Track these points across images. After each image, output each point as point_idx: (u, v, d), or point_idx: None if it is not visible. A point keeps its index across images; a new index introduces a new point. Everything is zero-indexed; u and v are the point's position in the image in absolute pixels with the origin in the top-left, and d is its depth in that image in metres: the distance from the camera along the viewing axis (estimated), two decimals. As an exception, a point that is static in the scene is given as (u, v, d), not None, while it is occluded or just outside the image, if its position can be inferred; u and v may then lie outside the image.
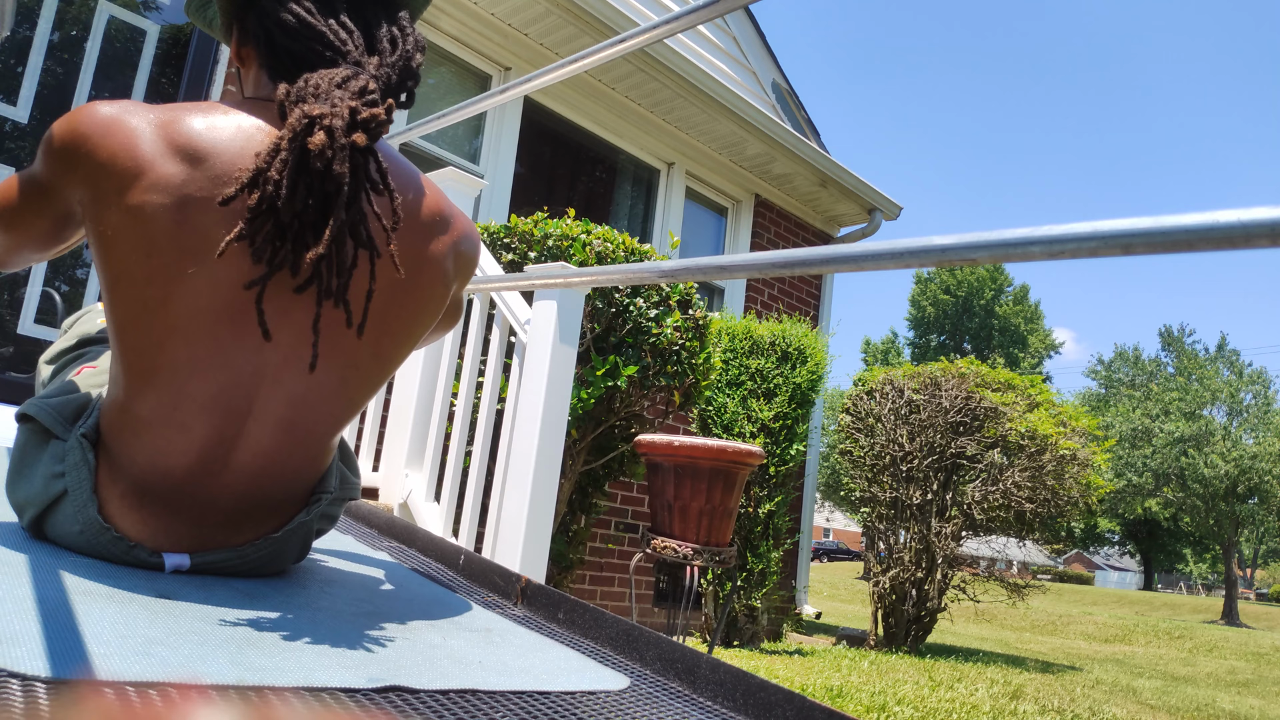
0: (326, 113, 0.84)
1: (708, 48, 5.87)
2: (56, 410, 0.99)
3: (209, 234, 0.86)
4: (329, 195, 0.84)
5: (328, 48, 0.95)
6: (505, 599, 1.26)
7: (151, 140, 0.87)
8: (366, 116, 0.85)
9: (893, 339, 43.32)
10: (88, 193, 0.88)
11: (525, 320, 2.27)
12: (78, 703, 0.58)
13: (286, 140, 0.83)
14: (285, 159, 0.82)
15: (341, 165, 0.83)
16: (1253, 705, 6.02)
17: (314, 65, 0.94)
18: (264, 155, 0.83)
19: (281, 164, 0.82)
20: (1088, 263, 30.08)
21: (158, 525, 0.96)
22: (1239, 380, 29.41)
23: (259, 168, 0.82)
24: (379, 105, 0.88)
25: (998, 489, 5.51)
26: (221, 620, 0.83)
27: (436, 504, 2.51)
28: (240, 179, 0.82)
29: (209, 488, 0.96)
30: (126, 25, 3.43)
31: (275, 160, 0.82)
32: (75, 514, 0.94)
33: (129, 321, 0.89)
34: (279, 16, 0.95)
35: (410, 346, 1.06)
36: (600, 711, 0.80)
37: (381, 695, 0.72)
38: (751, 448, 3.03)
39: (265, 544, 1.02)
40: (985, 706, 3.46)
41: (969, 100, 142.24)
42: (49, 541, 0.99)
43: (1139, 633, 13.62)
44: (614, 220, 5.50)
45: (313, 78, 0.89)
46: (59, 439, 0.98)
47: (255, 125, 0.92)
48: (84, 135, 0.87)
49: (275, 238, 0.84)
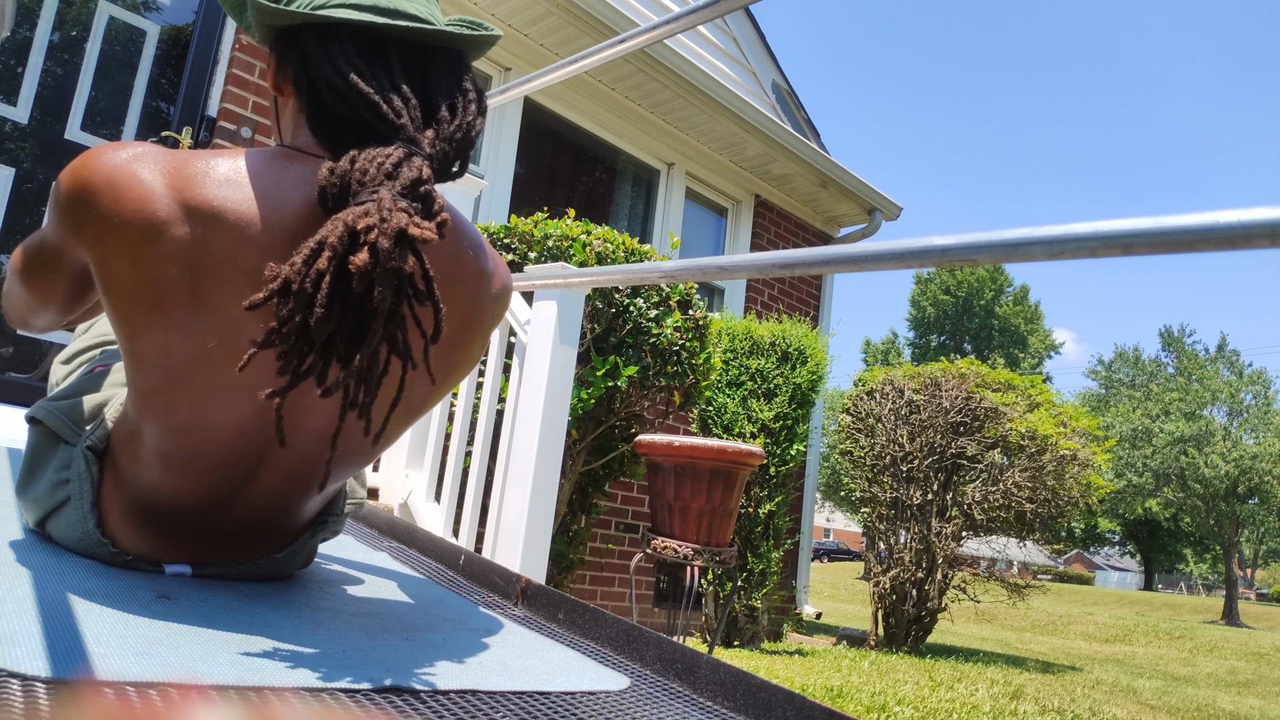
0: (374, 225, 0.73)
1: (708, 48, 5.87)
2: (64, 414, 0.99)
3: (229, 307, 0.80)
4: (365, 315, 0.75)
5: (380, 120, 0.84)
6: (505, 599, 1.26)
7: (166, 199, 0.78)
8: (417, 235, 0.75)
9: (893, 339, 43.32)
10: (97, 256, 0.81)
11: (525, 321, 2.27)
12: (78, 703, 0.58)
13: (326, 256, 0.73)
14: (321, 271, 0.72)
15: (386, 288, 0.73)
16: (1253, 705, 6.02)
17: (362, 134, 0.84)
18: (299, 262, 0.73)
19: (317, 276, 0.72)
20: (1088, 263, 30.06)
21: (158, 543, 0.95)
22: (1239, 380, 29.41)
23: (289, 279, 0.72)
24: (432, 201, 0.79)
25: (998, 489, 5.51)
26: (221, 620, 0.83)
27: (436, 504, 2.51)
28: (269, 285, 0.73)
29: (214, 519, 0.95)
30: (126, 26, 3.43)
31: (310, 271, 0.73)
32: (76, 523, 0.94)
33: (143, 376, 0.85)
34: (326, 74, 0.85)
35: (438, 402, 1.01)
36: (600, 711, 0.80)
37: (381, 695, 0.72)
38: (752, 448, 3.03)
39: (267, 563, 1.02)
40: (985, 707, 3.46)
41: (969, 100, 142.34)
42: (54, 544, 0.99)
43: (1139, 633, 13.62)
44: (614, 221, 5.50)
45: (360, 159, 0.79)
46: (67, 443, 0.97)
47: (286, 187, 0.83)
48: (91, 193, 0.79)
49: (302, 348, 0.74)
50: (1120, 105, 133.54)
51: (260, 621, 0.86)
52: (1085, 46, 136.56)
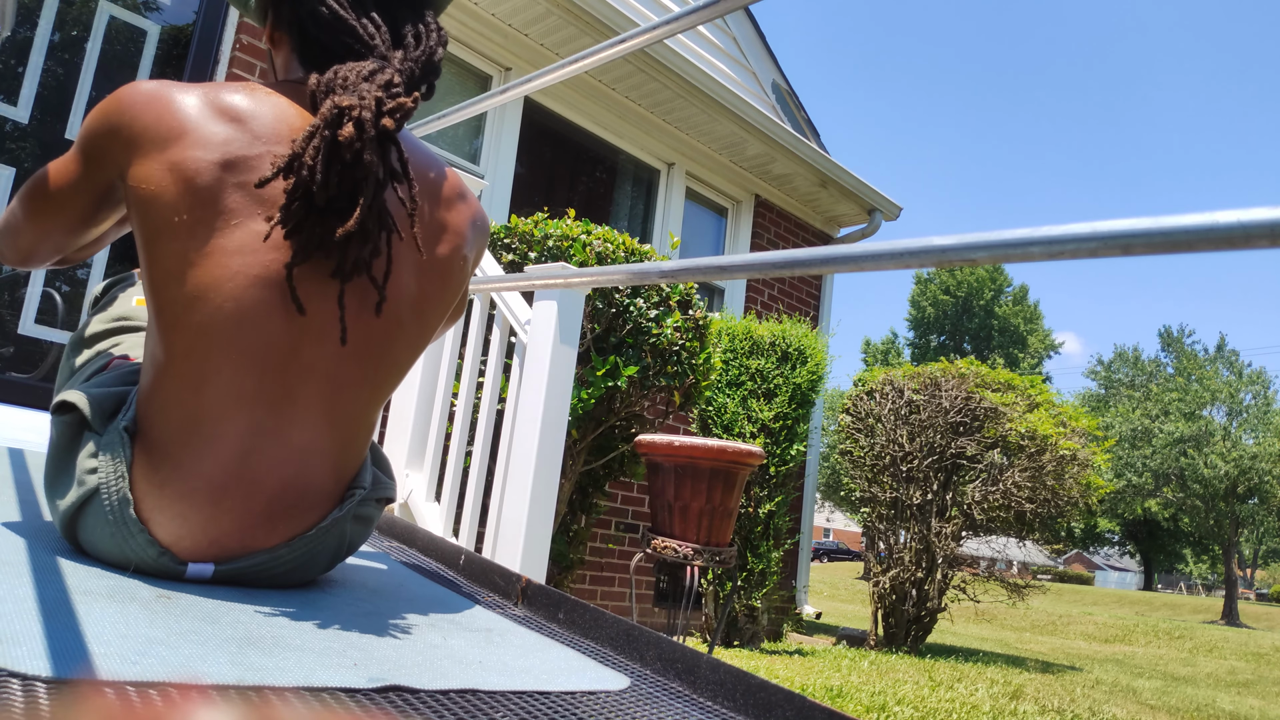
0: (355, 104, 0.89)
1: (708, 48, 5.87)
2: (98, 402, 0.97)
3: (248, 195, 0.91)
4: (358, 182, 0.90)
5: (357, 41, 1.01)
6: (505, 599, 1.26)
7: (196, 104, 0.93)
8: (392, 107, 0.91)
9: (893, 339, 43.32)
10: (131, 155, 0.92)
11: (525, 320, 2.26)
12: (78, 702, 0.58)
13: (320, 129, 0.88)
14: (318, 146, 0.88)
15: (371, 155, 0.89)
16: (1253, 705, 6.02)
17: (343, 57, 1.00)
18: (299, 142, 0.88)
19: (314, 150, 0.88)
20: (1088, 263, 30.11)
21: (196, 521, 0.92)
22: (1239, 381, 29.41)
23: (294, 153, 0.88)
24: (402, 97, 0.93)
25: (998, 489, 5.51)
26: (221, 620, 0.83)
27: (437, 504, 2.51)
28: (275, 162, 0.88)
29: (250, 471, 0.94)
30: (127, 25, 3.43)
31: (309, 147, 0.88)
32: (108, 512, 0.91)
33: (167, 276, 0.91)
34: (312, 8, 1.02)
35: (434, 325, 1.10)
36: (600, 711, 0.80)
37: (381, 695, 0.72)
38: (751, 448, 3.03)
39: (300, 543, 0.99)
40: (985, 706, 3.46)
41: (969, 100, 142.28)
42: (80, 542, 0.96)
43: (1139, 633, 13.62)
44: (614, 220, 5.50)
45: (341, 69, 0.95)
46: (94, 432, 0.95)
47: (289, 103, 0.98)
48: (128, 105, 0.93)
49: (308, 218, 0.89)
50: (1121, 105, 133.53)
51: (260, 621, 0.86)
52: (1086, 46, 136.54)
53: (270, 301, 0.92)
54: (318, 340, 0.96)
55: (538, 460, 2.07)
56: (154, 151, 0.91)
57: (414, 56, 1.03)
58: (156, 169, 0.90)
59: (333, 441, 1.00)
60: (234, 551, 0.95)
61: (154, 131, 0.91)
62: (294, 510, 0.98)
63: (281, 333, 0.94)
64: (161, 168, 0.90)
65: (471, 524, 2.30)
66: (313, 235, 0.90)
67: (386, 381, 1.05)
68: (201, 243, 0.90)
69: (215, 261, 0.90)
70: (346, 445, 1.02)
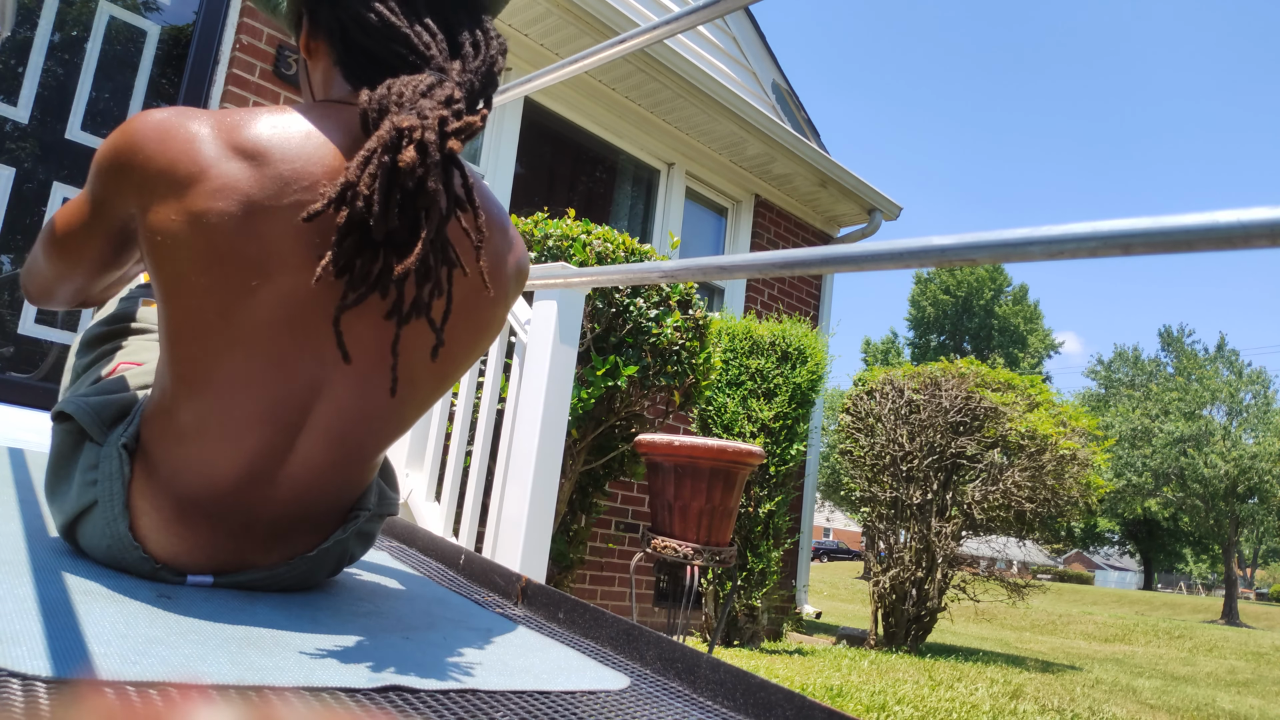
0: (416, 124, 0.78)
1: (708, 48, 5.87)
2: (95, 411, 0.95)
3: (275, 244, 0.81)
4: (420, 212, 0.79)
5: (411, 51, 0.89)
6: (505, 599, 1.26)
7: (212, 142, 0.82)
8: (458, 127, 0.80)
9: (893, 339, 43.32)
10: (144, 200, 0.82)
11: (525, 320, 2.26)
12: (78, 702, 0.58)
13: (377, 153, 0.77)
14: (374, 173, 0.77)
15: (435, 182, 0.78)
16: (1253, 705, 6.02)
17: (394, 69, 0.89)
18: (353, 169, 0.77)
19: (370, 178, 0.77)
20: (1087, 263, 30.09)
21: (194, 541, 0.91)
22: (1239, 380, 29.41)
23: (347, 182, 0.77)
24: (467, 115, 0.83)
25: (998, 489, 5.51)
26: (221, 620, 0.83)
27: (437, 504, 2.51)
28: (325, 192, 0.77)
29: (253, 500, 0.91)
30: (127, 25, 3.43)
31: (364, 174, 0.77)
32: (105, 526, 0.90)
33: (184, 332, 0.84)
34: (359, 13, 0.90)
35: (469, 365, 1.02)
36: (600, 711, 0.80)
37: (381, 695, 0.72)
38: (751, 448, 3.03)
39: (300, 562, 0.98)
40: (985, 706, 3.46)
41: (969, 100, 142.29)
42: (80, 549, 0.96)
43: (1139, 632, 13.62)
44: (614, 220, 5.50)
45: (396, 84, 0.83)
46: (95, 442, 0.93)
47: (327, 130, 0.86)
48: (138, 143, 0.82)
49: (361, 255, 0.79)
50: (1122, 105, 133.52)
51: (260, 621, 0.86)
52: (1087, 46, 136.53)
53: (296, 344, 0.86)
54: (344, 376, 0.89)
55: (538, 460, 2.07)
56: (169, 198, 0.80)
57: (473, 68, 0.90)
58: (173, 218, 0.80)
59: (345, 473, 0.97)
60: (232, 567, 0.95)
61: (169, 175, 0.80)
62: (295, 534, 0.97)
63: (305, 371, 0.88)
64: (179, 217, 0.80)
65: (471, 524, 2.30)
66: (366, 273, 0.79)
67: (412, 415, 0.99)
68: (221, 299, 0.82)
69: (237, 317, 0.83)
70: (358, 475, 0.99)
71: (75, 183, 3.25)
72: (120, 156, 0.83)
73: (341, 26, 0.92)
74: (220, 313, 0.83)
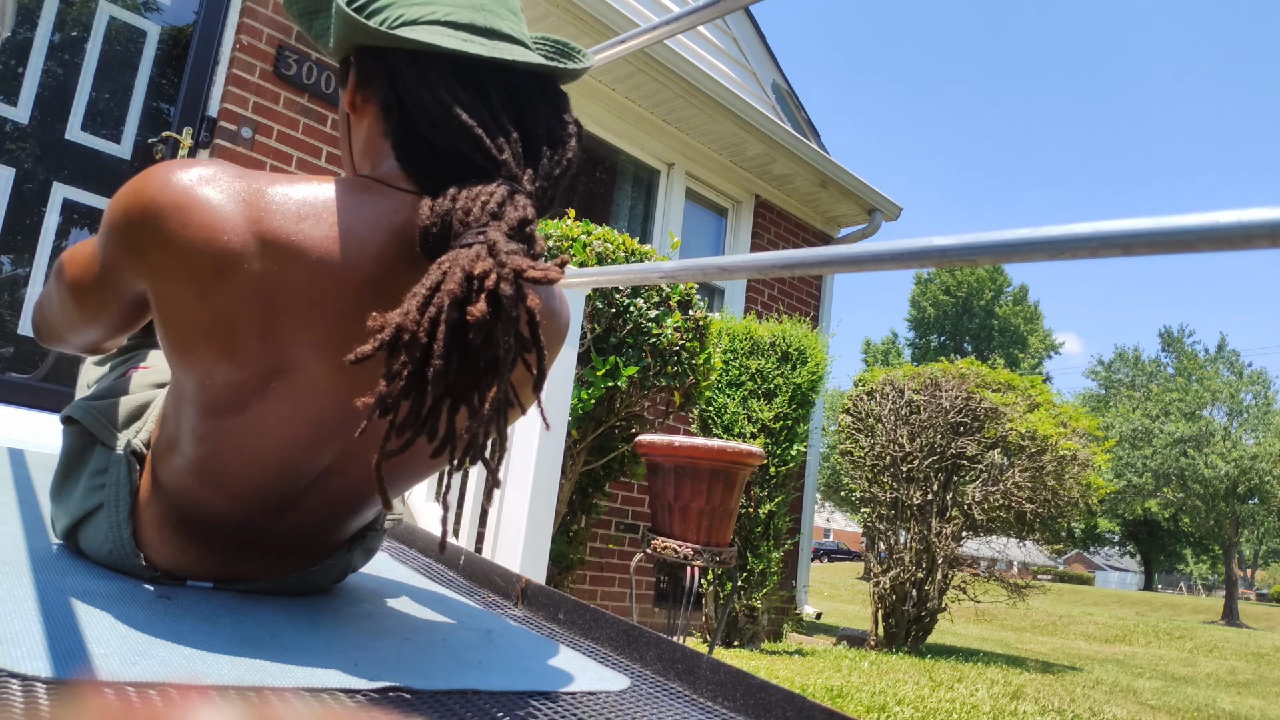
0: (491, 270, 0.67)
1: (708, 48, 5.87)
2: (102, 414, 0.94)
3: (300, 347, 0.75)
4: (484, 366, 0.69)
5: (482, 155, 0.76)
6: (506, 599, 1.26)
7: (239, 232, 0.72)
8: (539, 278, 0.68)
9: (893, 339, 43.32)
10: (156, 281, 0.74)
11: (525, 321, 2.27)
12: (78, 703, 0.58)
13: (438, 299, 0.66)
14: (435, 319, 0.66)
15: (507, 339, 0.67)
16: (1253, 706, 6.02)
17: (458, 168, 0.76)
18: (411, 313, 0.66)
19: (431, 324, 0.66)
20: (1087, 263, 30.19)
21: (194, 555, 0.91)
22: (1239, 381, 29.42)
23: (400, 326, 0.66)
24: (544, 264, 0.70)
25: (998, 489, 5.51)
26: (221, 620, 0.83)
27: (437, 504, 2.51)
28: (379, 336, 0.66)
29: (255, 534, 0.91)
30: (127, 26, 3.43)
31: (424, 319, 0.66)
32: (108, 531, 0.90)
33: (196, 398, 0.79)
34: (425, 102, 0.77)
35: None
36: (600, 711, 0.80)
37: (381, 695, 0.72)
38: (752, 448, 3.03)
39: (302, 575, 0.98)
40: (985, 707, 3.46)
41: (969, 100, 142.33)
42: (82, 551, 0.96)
43: (1139, 633, 13.62)
44: (614, 221, 5.50)
45: (461, 199, 0.72)
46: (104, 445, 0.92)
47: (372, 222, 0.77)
48: (155, 216, 0.72)
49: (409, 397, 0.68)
50: (1122, 105, 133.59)
51: (260, 621, 0.86)
52: (1087, 46, 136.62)
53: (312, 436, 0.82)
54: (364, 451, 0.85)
55: (538, 460, 2.07)
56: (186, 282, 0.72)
57: (546, 171, 0.80)
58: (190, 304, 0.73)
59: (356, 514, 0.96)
60: (234, 579, 0.95)
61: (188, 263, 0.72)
62: (299, 555, 0.97)
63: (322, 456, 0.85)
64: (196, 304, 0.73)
65: (471, 524, 2.30)
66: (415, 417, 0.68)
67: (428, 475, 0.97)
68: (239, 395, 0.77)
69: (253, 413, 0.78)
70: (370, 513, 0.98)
71: (75, 183, 3.26)
72: (133, 227, 0.73)
73: (400, 104, 0.79)
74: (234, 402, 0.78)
